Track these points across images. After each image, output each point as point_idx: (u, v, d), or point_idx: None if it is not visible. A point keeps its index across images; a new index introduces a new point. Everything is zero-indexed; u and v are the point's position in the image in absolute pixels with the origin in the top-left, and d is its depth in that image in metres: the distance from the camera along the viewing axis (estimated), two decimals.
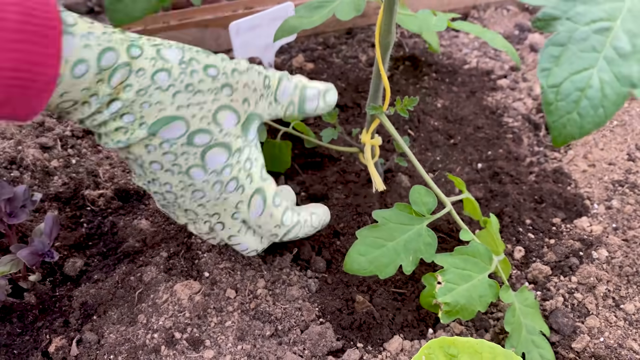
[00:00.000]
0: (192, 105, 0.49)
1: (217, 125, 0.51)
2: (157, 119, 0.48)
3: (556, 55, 0.28)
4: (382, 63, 0.61)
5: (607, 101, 0.28)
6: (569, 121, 0.29)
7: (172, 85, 0.48)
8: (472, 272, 0.54)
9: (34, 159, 0.75)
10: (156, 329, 0.57)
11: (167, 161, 0.50)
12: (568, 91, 0.28)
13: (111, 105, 0.46)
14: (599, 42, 0.28)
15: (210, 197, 0.54)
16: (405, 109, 0.64)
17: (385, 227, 0.56)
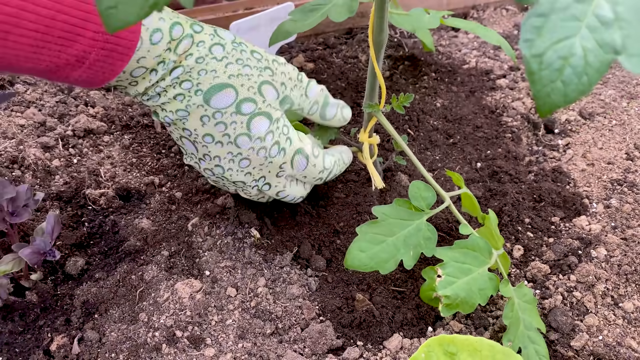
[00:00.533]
0: (241, 76, 0.57)
1: (261, 96, 0.58)
2: (211, 85, 0.55)
3: (538, 25, 0.28)
4: (376, 61, 0.61)
5: (590, 68, 0.28)
6: (553, 90, 0.29)
7: (225, 57, 0.56)
8: (472, 265, 0.55)
9: (35, 159, 0.75)
10: (157, 327, 0.57)
11: (219, 132, 0.57)
12: (551, 60, 0.28)
13: (173, 72, 0.54)
14: (580, 11, 0.28)
15: (255, 164, 0.61)
16: (401, 106, 0.64)
17: (385, 222, 0.56)
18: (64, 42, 0.46)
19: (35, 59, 0.45)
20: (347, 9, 0.75)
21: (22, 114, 0.83)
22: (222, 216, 0.70)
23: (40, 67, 0.47)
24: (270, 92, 0.59)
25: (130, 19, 0.26)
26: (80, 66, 0.48)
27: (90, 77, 0.50)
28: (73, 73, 0.49)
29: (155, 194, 0.74)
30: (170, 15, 0.53)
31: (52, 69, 0.47)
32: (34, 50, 0.45)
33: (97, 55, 0.48)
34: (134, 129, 0.85)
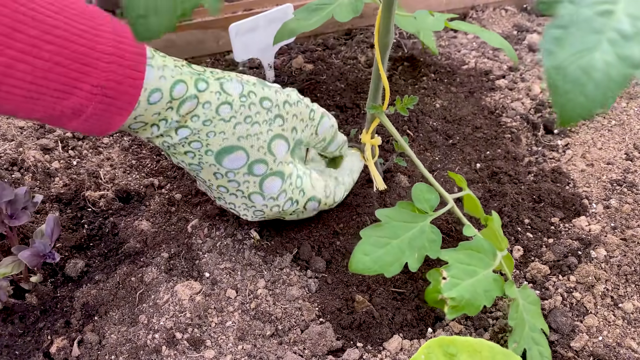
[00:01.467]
0: (250, 137, 0.56)
1: (272, 155, 0.58)
2: (221, 147, 0.55)
3: (559, 37, 0.29)
4: (381, 63, 0.61)
5: (612, 82, 0.28)
6: (575, 103, 0.29)
7: (233, 117, 0.54)
8: (477, 267, 0.55)
9: (35, 161, 0.75)
10: (157, 329, 0.57)
11: (232, 187, 0.59)
12: (573, 72, 0.28)
13: (179, 131, 0.53)
14: (601, 25, 0.28)
15: (269, 214, 0.63)
16: (405, 108, 0.64)
17: (388, 225, 0.56)
18: (59, 94, 0.44)
19: (29, 110, 0.44)
20: (352, 9, 0.75)
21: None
22: (221, 218, 0.70)
23: (35, 117, 0.46)
24: (281, 147, 0.59)
25: (160, 29, 0.26)
26: (76, 118, 0.47)
27: (87, 129, 0.49)
28: (70, 123, 0.48)
29: (154, 195, 0.74)
30: (172, 73, 0.51)
31: (46, 118, 0.46)
32: (27, 102, 0.43)
33: (95, 109, 0.47)
34: None
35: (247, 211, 0.62)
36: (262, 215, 0.63)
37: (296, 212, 0.64)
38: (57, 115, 0.46)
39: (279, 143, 0.59)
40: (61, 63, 0.43)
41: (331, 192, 0.67)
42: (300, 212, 0.65)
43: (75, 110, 0.46)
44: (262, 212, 0.62)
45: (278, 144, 0.59)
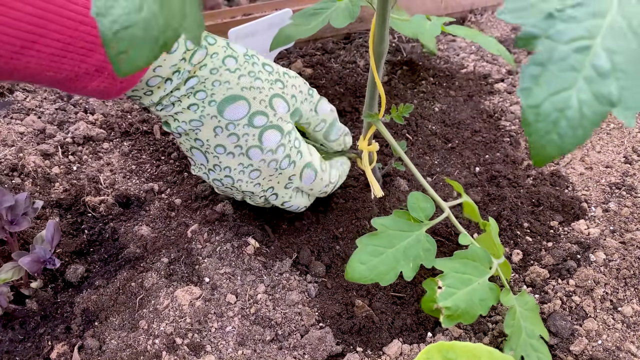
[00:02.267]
0: (253, 89, 0.58)
1: (272, 109, 0.59)
2: (224, 96, 0.56)
3: (536, 74, 0.28)
4: (376, 71, 0.61)
5: (585, 121, 0.28)
6: (548, 142, 0.29)
7: (237, 69, 0.57)
8: (472, 275, 0.55)
9: (35, 166, 0.75)
10: (157, 334, 0.57)
11: (231, 143, 0.59)
12: (547, 112, 0.28)
13: (188, 82, 0.55)
14: (578, 62, 0.28)
15: (265, 175, 0.62)
16: (400, 116, 0.64)
17: (384, 234, 0.57)
18: (85, 52, 0.47)
19: (57, 68, 0.47)
20: (349, 14, 0.75)
21: (21, 121, 0.83)
22: (221, 223, 0.70)
23: (60, 76, 0.48)
24: (282, 105, 0.60)
25: (141, 62, 0.26)
26: (99, 76, 0.50)
27: (107, 87, 0.51)
28: (91, 83, 0.50)
29: (154, 200, 0.74)
30: None
31: (71, 77, 0.49)
32: (56, 60, 0.46)
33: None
34: (133, 135, 0.85)
35: (243, 175, 0.61)
36: (258, 177, 0.62)
37: (292, 180, 0.64)
38: (82, 73, 0.48)
39: (279, 101, 0.60)
40: (85, 22, 0.46)
41: (327, 169, 0.67)
42: (298, 180, 0.64)
43: (99, 67, 0.49)
44: (258, 171, 0.61)
45: (278, 101, 0.60)
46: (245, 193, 0.64)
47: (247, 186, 0.63)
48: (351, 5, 0.76)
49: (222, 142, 0.58)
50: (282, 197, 0.65)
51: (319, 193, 0.68)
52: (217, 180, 0.63)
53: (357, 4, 0.76)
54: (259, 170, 0.61)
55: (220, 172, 0.61)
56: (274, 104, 0.60)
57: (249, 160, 0.60)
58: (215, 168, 0.61)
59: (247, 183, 0.62)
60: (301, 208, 0.69)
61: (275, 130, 0.60)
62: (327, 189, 0.68)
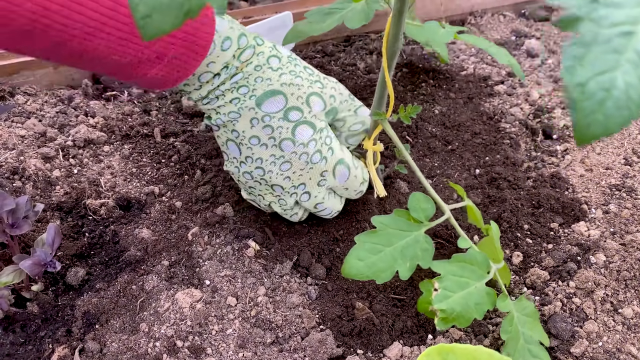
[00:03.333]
0: (292, 85, 0.61)
1: (307, 106, 0.62)
2: (264, 91, 0.60)
3: (579, 55, 0.29)
4: (387, 70, 0.61)
5: (631, 103, 0.29)
6: (593, 121, 0.29)
7: (280, 68, 0.61)
8: (469, 279, 0.55)
9: (35, 169, 0.75)
10: (158, 337, 0.57)
11: (265, 134, 0.61)
12: (593, 91, 0.29)
13: (234, 77, 0.59)
14: (621, 45, 0.28)
15: (296, 168, 0.63)
16: (408, 117, 0.64)
17: (383, 232, 0.57)
18: None
19: (122, 52, 0.49)
20: (364, 15, 0.76)
21: (22, 124, 0.83)
22: (221, 225, 0.70)
23: (125, 61, 0.51)
24: (318, 104, 0.63)
25: (165, 27, 0.27)
26: (159, 63, 0.52)
27: (165, 76, 0.54)
28: (152, 70, 0.53)
29: (155, 203, 0.75)
30: (238, 26, 0.58)
31: (134, 63, 0.51)
32: (123, 44, 0.49)
33: (176, 52, 0.52)
34: (133, 138, 0.85)
35: (274, 166, 0.63)
36: (289, 169, 0.63)
37: (325, 177, 0.64)
38: (145, 59, 0.51)
39: (316, 99, 0.62)
40: None
41: (359, 166, 0.68)
42: (331, 177, 0.65)
43: (160, 54, 0.52)
44: (289, 163, 0.62)
45: (315, 99, 0.62)
46: (274, 189, 0.65)
47: (277, 179, 0.64)
48: (367, 8, 0.76)
49: (257, 133, 0.61)
50: (314, 196, 0.65)
51: (355, 193, 0.69)
52: (248, 173, 0.64)
53: (372, 7, 0.76)
54: (290, 162, 0.62)
55: (252, 163, 0.63)
56: (310, 102, 0.62)
57: (281, 152, 0.62)
58: (247, 160, 0.63)
59: (277, 175, 0.63)
60: (334, 212, 0.69)
61: (308, 126, 0.62)
62: (362, 187, 0.69)
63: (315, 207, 0.67)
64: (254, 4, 1.27)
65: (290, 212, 0.67)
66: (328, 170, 0.64)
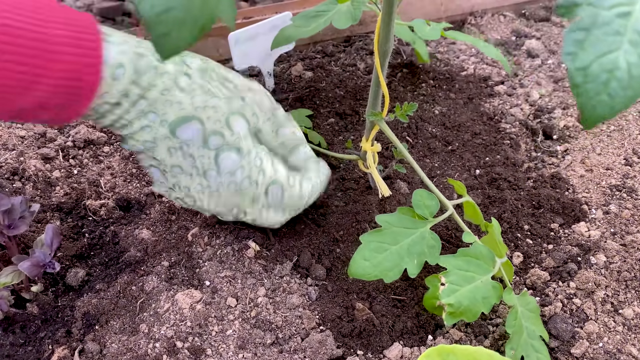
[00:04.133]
0: (207, 108, 0.55)
1: (229, 129, 0.57)
2: (177, 117, 0.54)
3: (580, 39, 0.29)
4: (380, 70, 0.61)
5: (634, 81, 0.29)
6: (599, 102, 0.29)
7: (191, 89, 0.55)
8: (475, 273, 0.55)
9: (35, 170, 0.75)
10: (158, 338, 0.57)
11: (187, 164, 0.57)
12: (596, 73, 0.29)
13: (138, 103, 0.53)
14: (621, 26, 0.29)
15: (226, 197, 0.59)
16: (404, 115, 0.64)
17: (388, 231, 0.57)
18: (21, 90, 0.45)
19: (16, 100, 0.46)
20: (351, 16, 0.75)
21: (22, 125, 0.83)
22: (221, 226, 0.70)
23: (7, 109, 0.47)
24: (240, 125, 0.58)
25: (182, 43, 0.27)
26: (44, 112, 0.48)
27: (54, 119, 0.50)
28: (38, 117, 0.49)
29: (155, 204, 0.75)
30: (133, 44, 0.52)
31: (11, 113, 0.47)
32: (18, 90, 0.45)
33: (58, 102, 0.48)
34: None
35: (203, 195, 0.59)
36: (220, 200, 0.59)
37: (258, 198, 0.60)
38: (29, 108, 0.47)
39: (237, 119, 0.57)
40: (16, 60, 0.44)
41: (296, 182, 0.63)
42: (263, 199, 0.61)
43: (43, 104, 0.47)
44: (218, 192, 0.58)
45: (237, 120, 0.57)
46: (212, 210, 0.62)
47: (210, 206, 0.60)
48: (353, 9, 0.76)
49: (178, 162, 0.56)
50: (250, 213, 0.62)
51: (294, 209, 0.65)
52: (180, 199, 0.61)
53: (358, 7, 0.76)
54: (218, 191, 0.59)
55: (180, 191, 0.59)
56: (231, 123, 0.57)
57: (207, 182, 0.58)
58: (175, 187, 0.59)
59: (209, 203, 0.60)
60: (276, 225, 0.66)
61: (232, 152, 0.57)
62: (299, 203, 0.64)
63: (253, 221, 0.64)
64: (254, 4, 1.27)
65: (234, 220, 0.65)
66: (260, 192, 0.60)
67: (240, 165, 0.57)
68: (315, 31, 0.77)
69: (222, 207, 0.60)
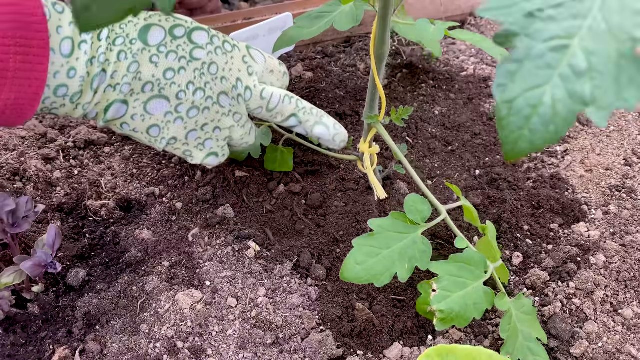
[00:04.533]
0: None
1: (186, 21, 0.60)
2: (141, 26, 0.56)
3: (512, 71, 0.29)
4: (377, 73, 0.62)
5: (558, 118, 0.28)
6: (520, 137, 0.29)
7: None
8: (467, 279, 0.55)
9: (36, 170, 0.75)
10: (158, 338, 0.57)
11: (171, 71, 0.58)
12: (520, 107, 0.29)
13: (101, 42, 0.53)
14: (554, 60, 0.28)
15: (206, 106, 0.61)
16: (400, 119, 0.65)
17: (380, 235, 0.57)
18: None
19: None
20: (353, 18, 0.76)
21: (23, 125, 0.83)
22: (222, 226, 0.70)
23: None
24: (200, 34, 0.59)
25: (103, 21, 0.27)
26: (4, 82, 0.47)
27: (18, 98, 0.48)
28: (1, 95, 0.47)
29: (155, 204, 0.75)
30: (87, 51, 0.53)
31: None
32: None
33: (15, 63, 0.46)
34: (134, 140, 0.86)
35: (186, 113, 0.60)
36: (201, 115, 0.61)
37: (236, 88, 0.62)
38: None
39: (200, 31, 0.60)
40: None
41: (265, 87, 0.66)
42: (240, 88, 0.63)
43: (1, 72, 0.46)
44: (196, 110, 0.60)
45: (199, 32, 0.60)
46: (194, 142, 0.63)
47: (191, 124, 0.62)
48: (355, 10, 0.76)
49: (164, 70, 0.58)
50: (225, 128, 0.65)
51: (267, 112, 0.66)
52: (169, 140, 0.62)
53: (361, 8, 0.76)
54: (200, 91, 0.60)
55: (172, 116, 0.60)
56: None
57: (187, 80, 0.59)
58: (158, 135, 0.61)
59: (191, 122, 0.61)
60: (250, 141, 0.68)
61: (201, 32, 0.59)
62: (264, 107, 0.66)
63: (233, 141, 0.67)
64: (254, 5, 1.27)
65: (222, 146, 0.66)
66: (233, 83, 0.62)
67: (209, 51, 0.59)
68: (318, 32, 0.77)
69: (203, 120, 0.61)
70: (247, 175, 0.78)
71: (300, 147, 0.81)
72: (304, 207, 0.75)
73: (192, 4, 1.10)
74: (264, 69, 0.65)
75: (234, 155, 0.79)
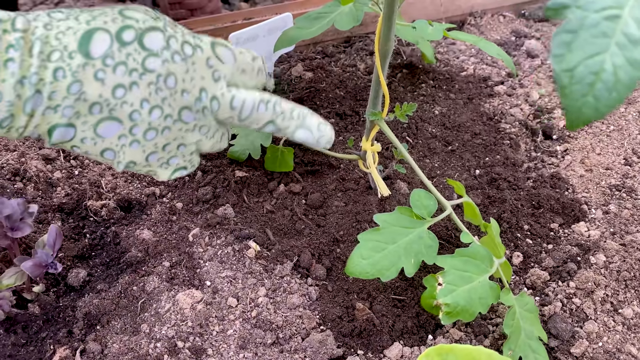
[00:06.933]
0: (99, 17, 0.46)
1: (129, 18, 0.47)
2: (81, 33, 0.45)
3: (568, 41, 0.29)
4: (381, 70, 0.62)
5: (620, 84, 0.29)
6: (584, 104, 0.30)
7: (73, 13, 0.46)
8: (473, 273, 0.55)
9: (37, 171, 0.76)
10: (159, 338, 0.57)
11: (120, 80, 0.46)
12: (582, 75, 0.29)
13: (34, 49, 0.43)
14: (609, 29, 0.29)
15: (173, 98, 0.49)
16: (404, 115, 0.65)
17: (386, 230, 0.57)
18: None
19: None
20: (353, 18, 0.76)
21: None
22: (222, 226, 0.70)
23: None
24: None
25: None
26: None
27: None
28: None
29: (156, 204, 0.75)
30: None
31: None
32: None
33: None
34: None
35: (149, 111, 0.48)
36: (167, 106, 0.49)
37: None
38: None
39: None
40: None
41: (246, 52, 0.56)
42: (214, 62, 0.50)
43: None
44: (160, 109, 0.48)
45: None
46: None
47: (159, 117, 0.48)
48: (355, 10, 0.77)
49: (115, 86, 0.45)
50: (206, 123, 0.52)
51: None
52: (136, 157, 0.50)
53: (360, 9, 0.76)
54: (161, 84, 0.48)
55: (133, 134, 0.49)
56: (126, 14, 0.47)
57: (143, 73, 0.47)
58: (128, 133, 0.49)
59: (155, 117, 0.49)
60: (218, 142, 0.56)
61: (155, 32, 0.47)
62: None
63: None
64: (254, 5, 1.27)
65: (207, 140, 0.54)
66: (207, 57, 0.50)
67: (165, 41, 0.47)
68: (318, 32, 0.77)
69: (164, 141, 0.51)
70: (247, 175, 0.78)
71: (300, 147, 0.81)
72: (304, 207, 0.75)
73: (192, 4, 1.10)
74: (234, 70, 0.54)
75: (234, 155, 0.79)
